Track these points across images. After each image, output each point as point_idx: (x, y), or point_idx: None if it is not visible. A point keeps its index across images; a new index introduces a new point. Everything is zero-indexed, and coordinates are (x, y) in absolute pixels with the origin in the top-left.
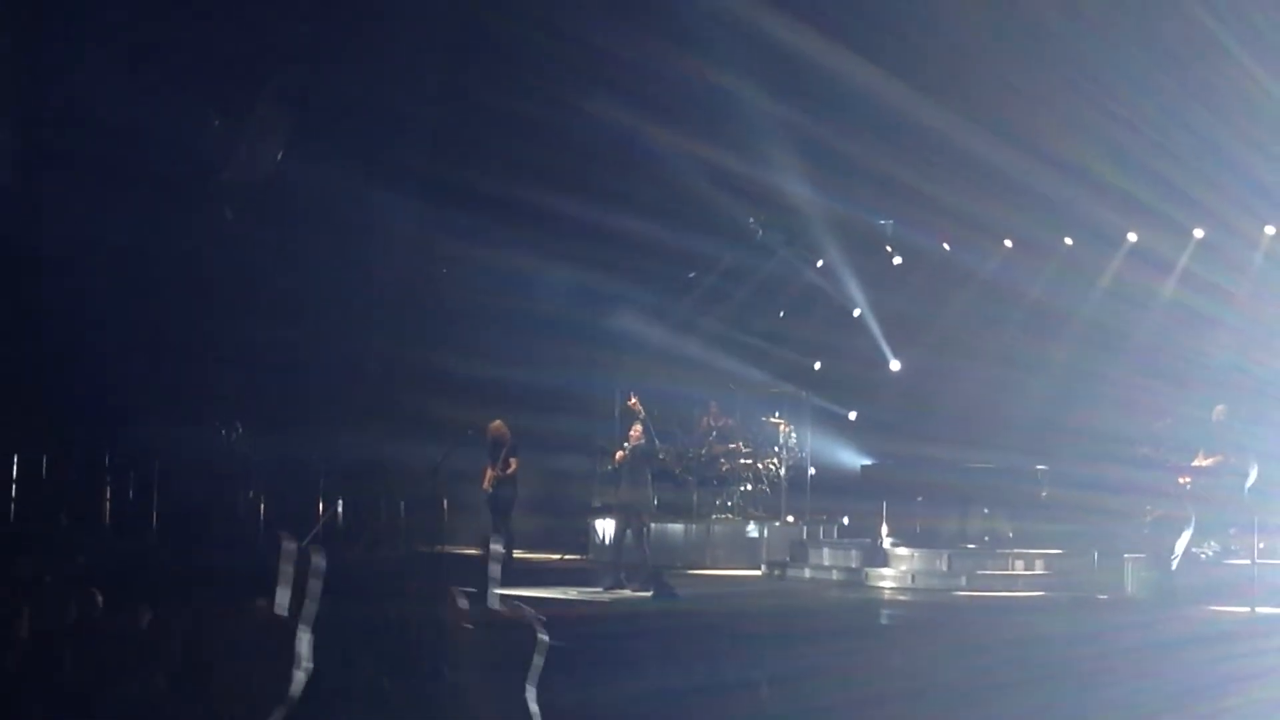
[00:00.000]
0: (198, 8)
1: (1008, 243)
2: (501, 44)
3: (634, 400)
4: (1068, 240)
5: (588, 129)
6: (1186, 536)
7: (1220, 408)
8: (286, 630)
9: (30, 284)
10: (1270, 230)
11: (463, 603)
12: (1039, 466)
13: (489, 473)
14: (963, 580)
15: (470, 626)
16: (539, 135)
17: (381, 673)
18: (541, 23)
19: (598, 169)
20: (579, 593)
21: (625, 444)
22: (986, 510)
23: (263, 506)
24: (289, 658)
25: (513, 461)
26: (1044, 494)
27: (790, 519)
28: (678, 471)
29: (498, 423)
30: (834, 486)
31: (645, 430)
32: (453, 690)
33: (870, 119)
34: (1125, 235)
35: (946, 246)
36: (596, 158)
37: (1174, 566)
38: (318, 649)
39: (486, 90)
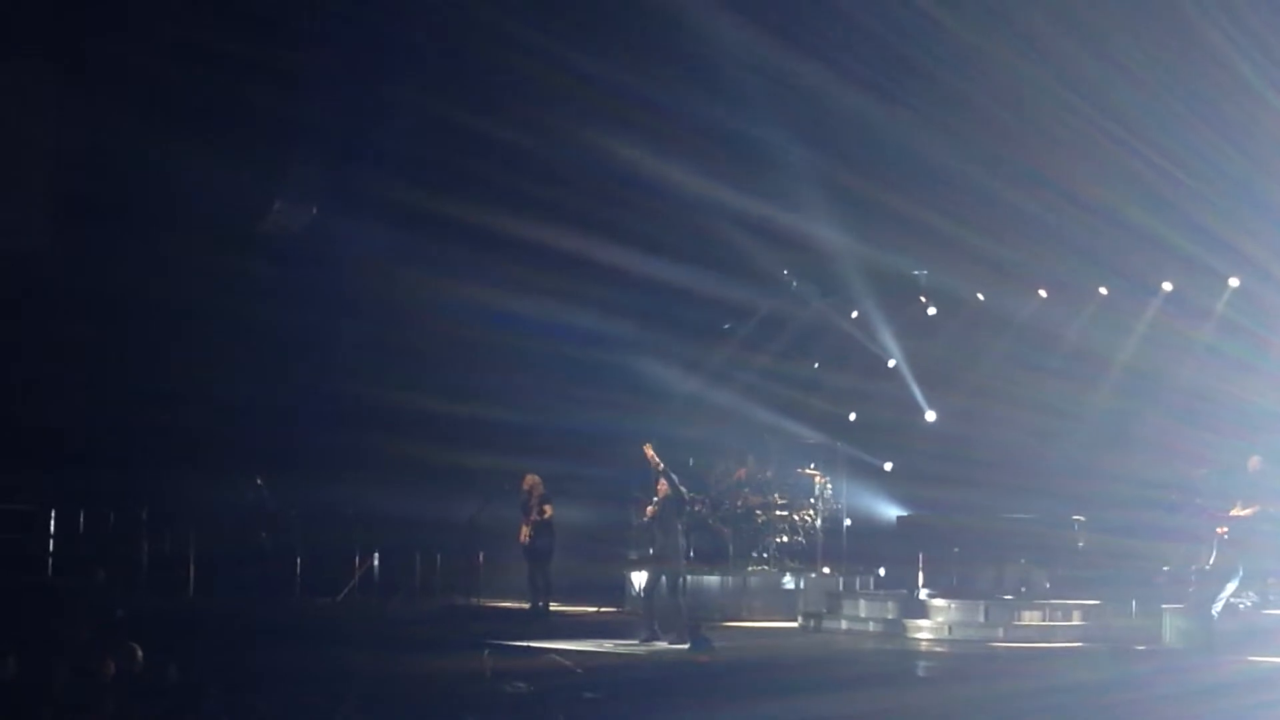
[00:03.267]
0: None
1: (1042, 292)
2: (532, 90)
3: (649, 450)
4: (1104, 288)
5: (623, 177)
6: (1232, 587)
7: (1256, 458)
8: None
9: (64, 336)
10: None
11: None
12: (1076, 516)
13: (525, 526)
14: (1000, 631)
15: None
16: (577, 182)
17: None
18: (573, 68)
19: (634, 217)
20: (615, 644)
21: (655, 498)
22: (1023, 560)
23: (299, 560)
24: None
25: (548, 508)
26: (1081, 544)
27: (826, 570)
28: (711, 522)
29: (531, 476)
30: (870, 537)
31: (670, 482)
32: None
33: (906, 167)
34: (1162, 281)
35: (981, 297)
36: (634, 206)
37: (1215, 614)
38: (354, 701)
39: (520, 137)
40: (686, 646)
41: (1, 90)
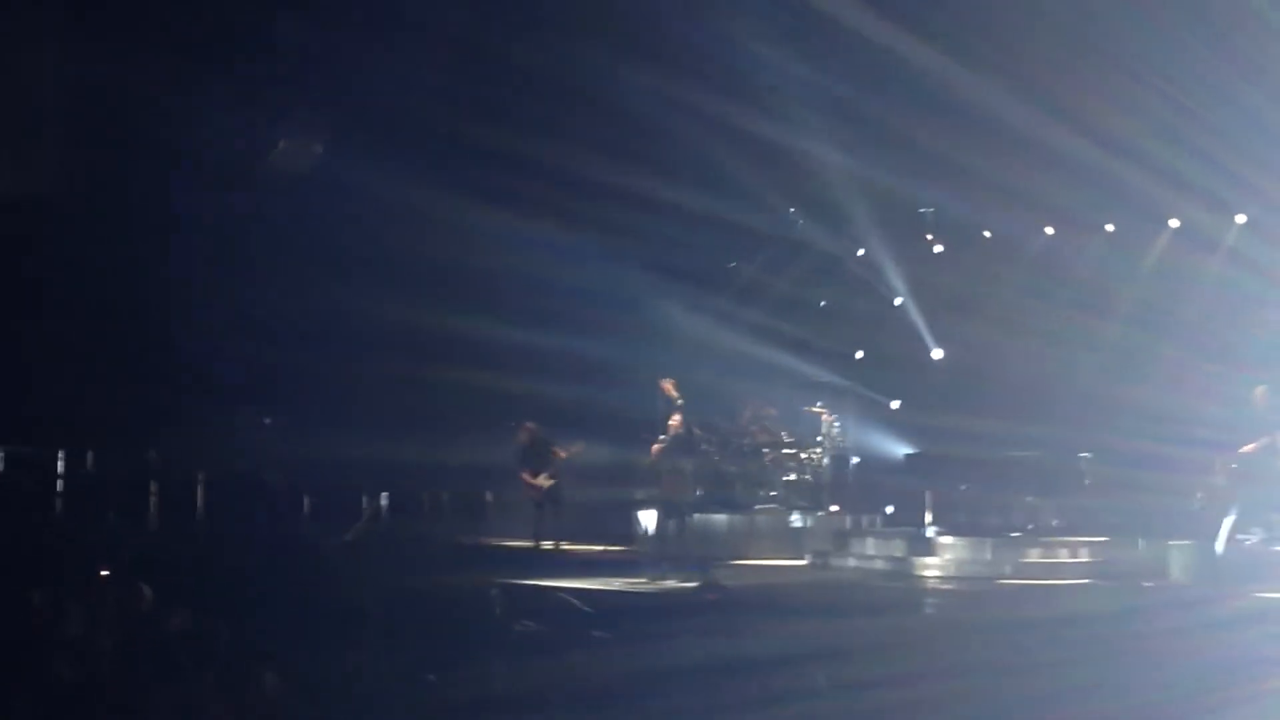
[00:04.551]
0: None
1: (1049, 229)
2: (551, 15)
3: (669, 385)
4: (1113, 221)
5: (634, 107)
6: (1231, 520)
7: (1261, 389)
8: (327, 625)
9: (73, 285)
10: None
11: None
12: (1083, 454)
13: (533, 477)
14: (1007, 568)
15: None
16: (588, 114)
17: (427, 663)
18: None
19: (641, 146)
20: (623, 582)
21: (663, 436)
22: (1031, 497)
23: (306, 500)
24: (330, 650)
25: (560, 453)
26: (1088, 480)
27: (834, 508)
28: (717, 459)
29: (530, 425)
30: (877, 475)
31: (684, 419)
32: (495, 675)
33: (913, 98)
34: (1172, 213)
35: (987, 234)
36: (640, 134)
37: (1219, 550)
38: (364, 639)
39: (536, 61)
40: (695, 584)
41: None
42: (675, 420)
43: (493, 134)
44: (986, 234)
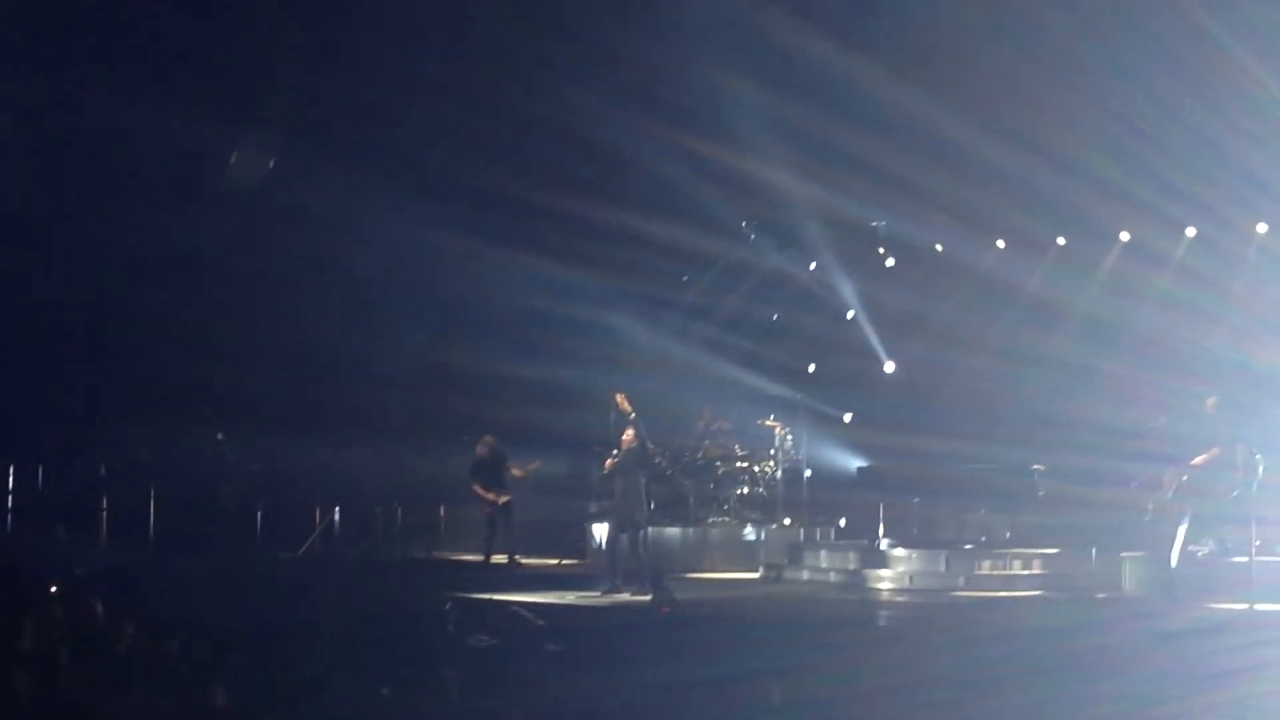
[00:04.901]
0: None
1: (1000, 243)
2: (499, 42)
3: (621, 398)
4: (1063, 237)
5: (583, 127)
6: (1184, 531)
7: (1211, 400)
8: (280, 640)
9: (26, 292)
10: (1263, 226)
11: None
12: (1036, 465)
13: (486, 491)
14: (961, 580)
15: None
16: (534, 133)
17: (380, 678)
18: (535, 18)
19: (592, 167)
20: (577, 596)
21: (615, 450)
22: (983, 510)
23: (259, 514)
24: (285, 665)
25: (515, 471)
26: (1041, 492)
27: (787, 521)
28: (670, 474)
29: (489, 439)
30: (830, 488)
31: (637, 432)
32: (449, 689)
33: (864, 115)
34: (1121, 231)
35: (939, 248)
36: (591, 156)
37: (1173, 563)
38: (318, 654)
39: (484, 88)
40: (649, 598)
41: None
42: (628, 435)
43: (441, 156)
44: (938, 248)
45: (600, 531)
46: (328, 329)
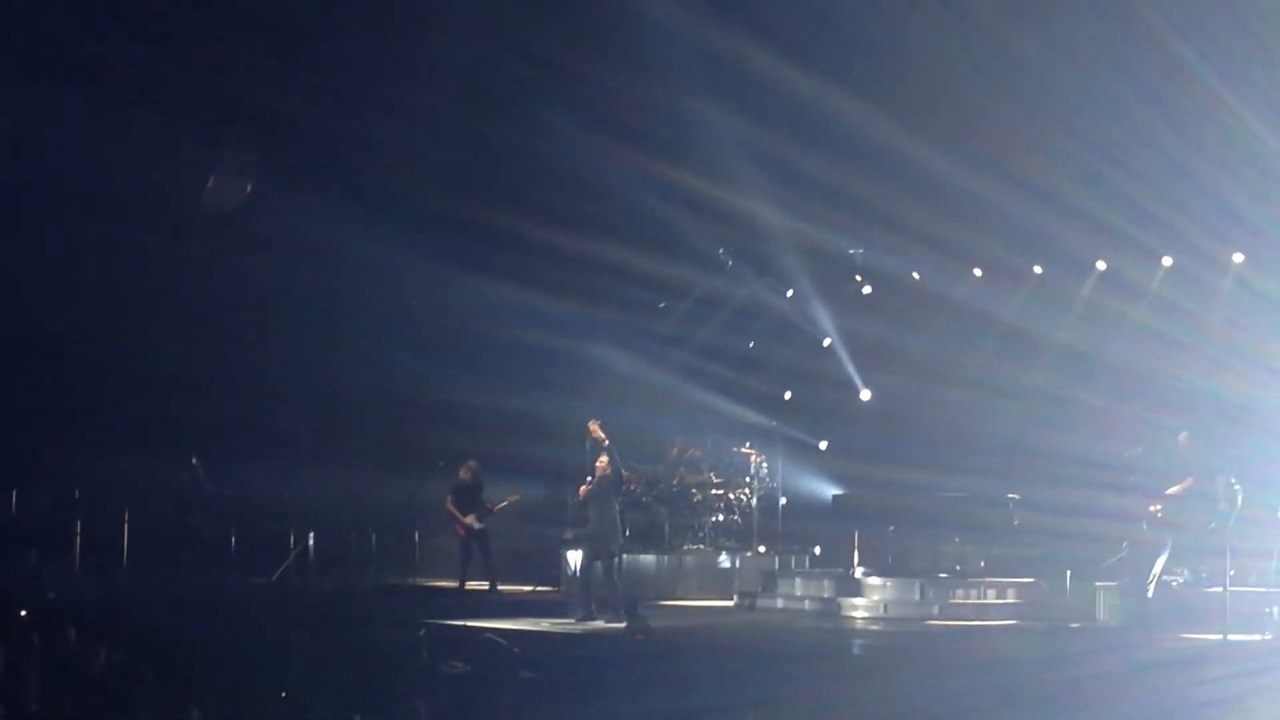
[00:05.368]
0: (173, 38)
1: (977, 271)
2: (473, 69)
3: (594, 426)
4: (1039, 266)
5: (557, 155)
6: (1161, 563)
7: (1184, 435)
8: (254, 665)
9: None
10: (1239, 257)
11: (433, 633)
12: (1011, 495)
13: (463, 515)
14: (935, 609)
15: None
16: (508, 161)
17: (354, 704)
18: (508, 47)
19: (567, 195)
20: (551, 624)
21: (590, 477)
22: (958, 538)
23: (233, 540)
24: (257, 690)
25: (492, 507)
26: (1016, 522)
27: (762, 549)
28: (645, 501)
29: (473, 463)
30: (805, 516)
31: (611, 459)
32: (422, 715)
33: (840, 144)
34: (1096, 260)
35: (916, 276)
36: (566, 184)
37: (1149, 593)
38: (291, 681)
39: (458, 116)
40: (623, 625)
41: None
42: (602, 462)
43: (415, 185)
44: (915, 276)
45: (575, 558)
46: (302, 356)
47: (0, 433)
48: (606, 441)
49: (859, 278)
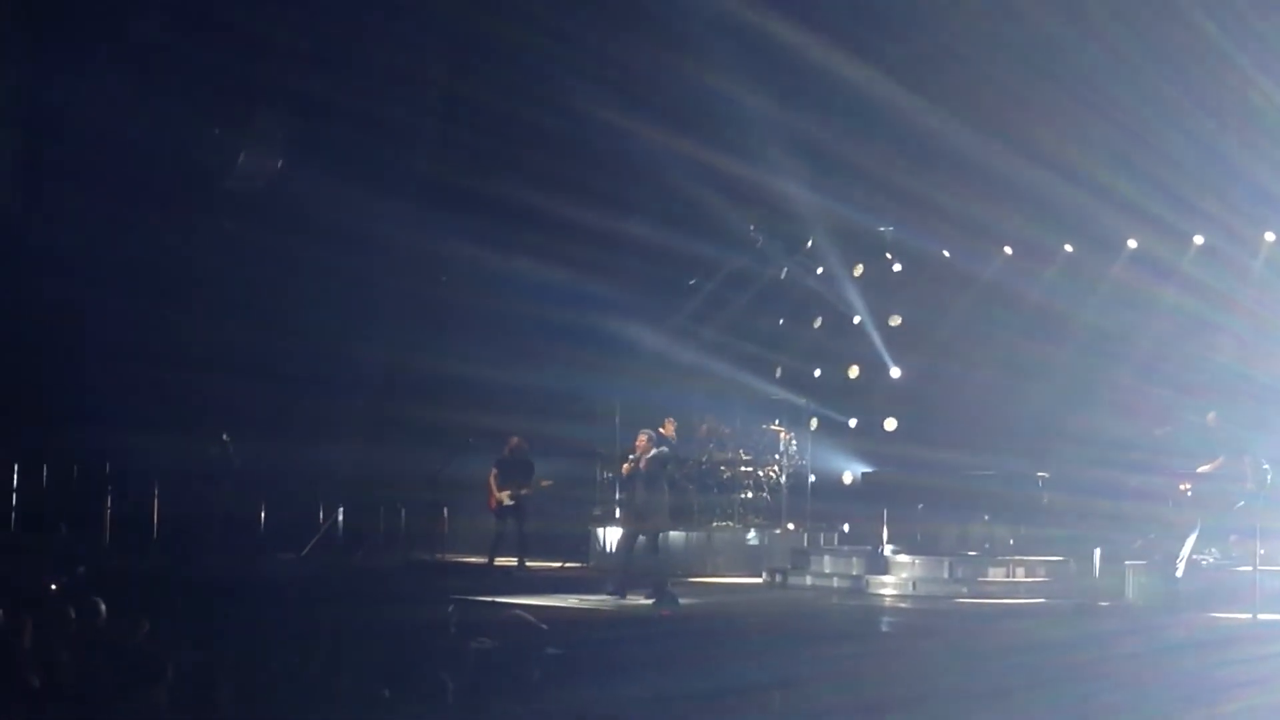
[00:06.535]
0: (196, 17)
1: (1008, 249)
2: (500, 48)
3: (670, 425)
4: (1068, 246)
5: (589, 133)
6: (1191, 542)
7: (1212, 414)
8: (282, 640)
9: (30, 293)
10: (1270, 236)
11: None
12: (1040, 473)
13: (499, 489)
14: (964, 588)
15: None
16: (538, 140)
17: (382, 679)
18: (540, 26)
19: (598, 173)
20: (580, 600)
21: (631, 454)
22: (987, 517)
23: (263, 516)
24: (285, 665)
25: (525, 488)
26: (1045, 500)
27: (791, 526)
28: (677, 477)
29: (517, 439)
30: (834, 494)
31: (662, 442)
32: (454, 695)
33: (872, 124)
34: (1126, 240)
35: (946, 254)
36: (597, 162)
37: (1178, 573)
38: (319, 657)
39: (486, 95)
40: (651, 601)
41: None
42: (642, 440)
43: (444, 165)
44: (945, 254)
45: (606, 534)
46: (332, 334)
47: (32, 410)
48: (675, 439)
49: (889, 256)
